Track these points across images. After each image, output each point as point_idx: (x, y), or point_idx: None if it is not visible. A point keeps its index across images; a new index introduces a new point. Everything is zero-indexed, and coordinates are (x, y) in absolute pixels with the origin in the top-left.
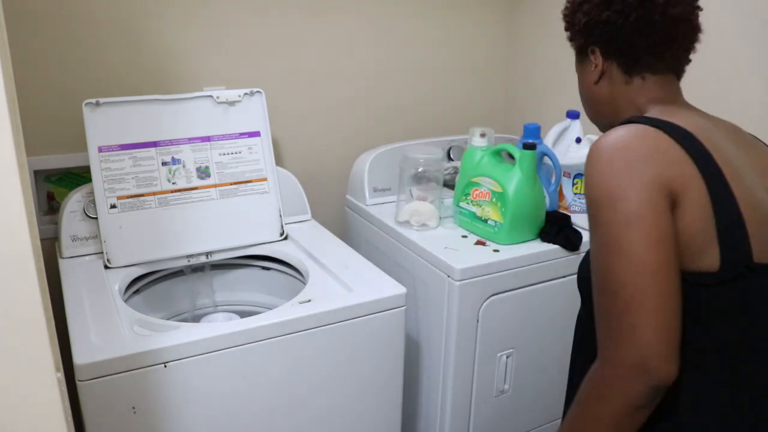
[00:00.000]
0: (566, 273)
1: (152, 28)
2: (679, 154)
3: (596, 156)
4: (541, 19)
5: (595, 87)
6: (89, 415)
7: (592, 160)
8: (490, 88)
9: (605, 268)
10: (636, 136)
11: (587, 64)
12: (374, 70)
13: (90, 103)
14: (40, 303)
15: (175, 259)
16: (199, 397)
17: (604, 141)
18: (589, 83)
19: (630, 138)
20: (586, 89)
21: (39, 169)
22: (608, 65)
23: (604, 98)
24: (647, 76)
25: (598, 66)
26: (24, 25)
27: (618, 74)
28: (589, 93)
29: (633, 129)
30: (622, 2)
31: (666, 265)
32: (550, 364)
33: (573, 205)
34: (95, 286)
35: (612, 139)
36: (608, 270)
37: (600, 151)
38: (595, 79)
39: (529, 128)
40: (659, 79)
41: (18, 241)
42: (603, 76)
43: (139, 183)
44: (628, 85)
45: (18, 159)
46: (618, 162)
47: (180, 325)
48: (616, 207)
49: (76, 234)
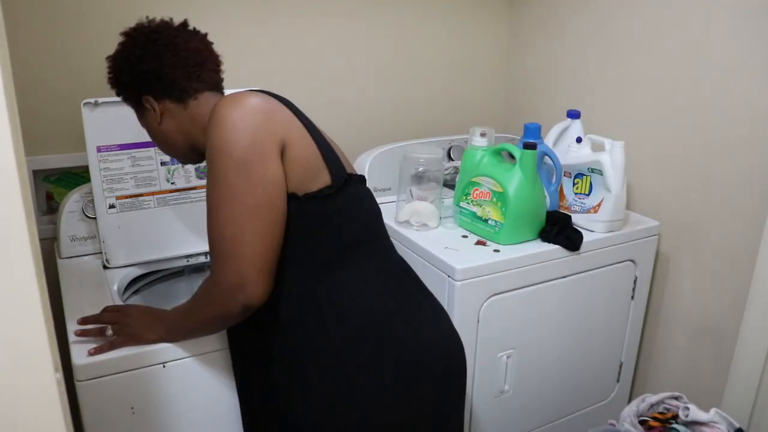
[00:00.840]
0: (567, 273)
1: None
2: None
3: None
4: (541, 19)
5: (161, 127)
6: (88, 415)
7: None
8: (491, 88)
9: (215, 210)
10: (243, 97)
11: (148, 113)
12: (374, 70)
13: (89, 103)
14: (38, 303)
15: (174, 259)
16: (198, 397)
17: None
18: (156, 127)
19: (239, 99)
20: (157, 133)
21: (38, 169)
22: (163, 105)
23: (175, 131)
24: (198, 96)
25: (156, 109)
26: (24, 24)
27: (174, 107)
28: (161, 135)
29: (237, 94)
30: (151, 52)
31: (263, 207)
32: (550, 364)
33: (573, 205)
34: (94, 286)
35: (225, 104)
36: (217, 211)
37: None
38: (158, 120)
39: (530, 128)
40: (207, 95)
41: (17, 241)
42: (164, 116)
43: (138, 183)
44: (186, 110)
45: (17, 159)
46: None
47: None
48: (231, 152)
49: (74, 234)
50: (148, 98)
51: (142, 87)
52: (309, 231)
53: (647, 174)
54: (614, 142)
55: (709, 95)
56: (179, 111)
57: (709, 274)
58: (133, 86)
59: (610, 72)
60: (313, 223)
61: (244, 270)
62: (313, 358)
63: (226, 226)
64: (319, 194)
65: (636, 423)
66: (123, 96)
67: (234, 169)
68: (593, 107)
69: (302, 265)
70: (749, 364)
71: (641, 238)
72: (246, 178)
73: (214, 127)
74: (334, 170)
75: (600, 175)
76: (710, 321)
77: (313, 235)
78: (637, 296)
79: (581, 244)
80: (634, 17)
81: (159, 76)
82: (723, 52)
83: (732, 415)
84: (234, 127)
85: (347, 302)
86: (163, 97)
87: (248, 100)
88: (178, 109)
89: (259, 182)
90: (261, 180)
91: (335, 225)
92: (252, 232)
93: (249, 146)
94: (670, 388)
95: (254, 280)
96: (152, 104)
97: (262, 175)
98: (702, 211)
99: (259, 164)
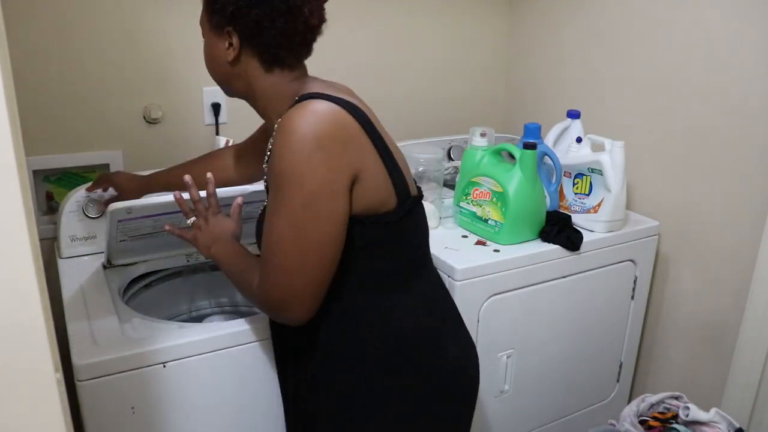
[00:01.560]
0: (567, 273)
1: (153, 28)
2: (357, 130)
3: (287, 134)
4: (542, 19)
5: (231, 66)
6: (88, 415)
7: (284, 138)
8: (491, 87)
9: (278, 231)
10: (322, 114)
11: (221, 42)
12: (374, 69)
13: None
14: (39, 303)
15: (174, 258)
16: (198, 397)
17: (294, 121)
18: (222, 60)
19: (317, 118)
20: (221, 66)
21: (38, 169)
22: (245, 53)
23: (238, 76)
24: (285, 69)
25: (235, 49)
26: (24, 24)
27: (255, 64)
28: (223, 70)
29: (316, 107)
30: (270, 6)
31: (326, 244)
32: (550, 364)
33: (573, 205)
34: (94, 286)
35: (301, 120)
36: (279, 238)
37: (290, 131)
38: (230, 59)
39: (530, 128)
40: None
41: (17, 241)
42: (239, 61)
43: None
44: (267, 73)
45: (17, 159)
46: (308, 141)
47: (179, 325)
48: (303, 184)
49: (75, 234)
50: (233, 35)
51: (237, 26)
52: (369, 253)
53: (647, 174)
54: (614, 142)
55: (710, 95)
56: (258, 70)
57: (709, 274)
58: (229, 18)
59: (610, 72)
60: (373, 245)
61: (292, 297)
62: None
63: (286, 255)
64: (382, 219)
65: (636, 423)
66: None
67: (303, 202)
68: (593, 107)
69: (359, 283)
70: (749, 364)
71: (641, 238)
72: (314, 213)
73: (286, 150)
74: (400, 195)
75: (600, 175)
76: (710, 321)
77: (372, 256)
78: (637, 296)
79: (581, 244)
80: (634, 17)
81: (261, 32)
82: (723, 52)
83: (732, 414)
84: (309, 161)
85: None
86: (250, 48)
87: (325, 126)
88: (257, 68)
89: (327, 219)
90: (328, 217)
91: (394, 248)
92: (310, 265)
93: (322, 183)
94: (670, 388)
95: (300, 306)
96: (234, 43)
97: (330, 211)
98: (702, 211)
99: (330, 200)
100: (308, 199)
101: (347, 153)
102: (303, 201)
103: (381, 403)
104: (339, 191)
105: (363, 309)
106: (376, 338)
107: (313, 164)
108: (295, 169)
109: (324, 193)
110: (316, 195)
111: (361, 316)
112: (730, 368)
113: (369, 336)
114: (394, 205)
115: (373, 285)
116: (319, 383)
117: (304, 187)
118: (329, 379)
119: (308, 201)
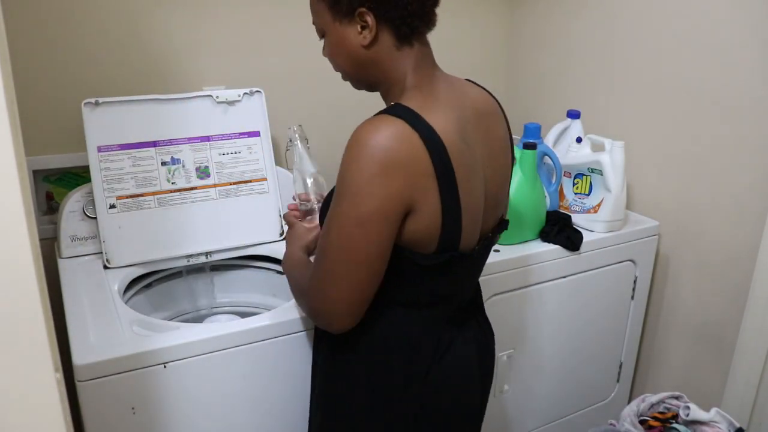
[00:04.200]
0: (567, 273)
1: (152, 28)
2: (428, 165)
3: (357, 147)
4: (541, 19)
5: (362, 51)
6: (88, 415)
7: (354, 150)
8: (490, 87)
9: (327, 247)
10: (399, 138)
11: (351, 25)
12: None
13: (89, 103)
14: (39, 303)
15: (174, 259)
16: (199, 397)
17: (369, 134)
18: (353, 45)
19: (392, 140)
20: (350, 50)
21: (38, 169)
22: (380, 32)
23: (372, 61)
24: (414, 44)
25: (372, 30)
26: (24, 24)
27: (390, 41)
28: (354, 54)
29: (397, 128)
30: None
31: (374, 264)
32: (550, 364)
33: (573, 205)
34: (94, 286)
35: (377, 136)
36: (328, 250)
37: (363, 144)
38: (365, 42)
39: (530, 128)
40: (423, 45)
41: (17, 241)
42: (375, 42)
43: (139, 183)
44: (398, 51)
45: (17, 159)
46: (375, 162)
47: (179, 325)
48: (358, 205)
49: (75, 234)
50: (367, 14)
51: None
52: (398, 279)
53: (647, 174)
54: (614, 142)
55: (709, 95)
56: (392, 49)
57: (709, 273)
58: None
59: (610, 72)
60: (401, 274)
61: (336, 310)
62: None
63: (333, 265)
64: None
65: (636, 423)
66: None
67: (357, 221)
68: (593, 107)
69: (387, 302)
70: (749, 364)
71: (641, 238)
72: (365, 232)
73: (354, 162)
74: (443, 243)
75: (600, 175)
76: (710, 320)
77: (399, 284)
78: (637, 296)
79: (581, 244)
80: (634, 17)
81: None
82: (723, 51)
83: (732, 414)
84: (370, 182)
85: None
86: (386, 23)
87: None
88: (392, 47)
89: (376, 240)
90: (378, 238)
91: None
92: (356, 280)
93: (378, 208)
94: (670, 387)
95: (342, 319)
96: (370, 22)
97: (380, 233)
98: (702, 211)
99: (382, 224)
100: (362, 218)
101: (408, 184)
102: (357, 219)
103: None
104: (392, 218)
105: (385, 325)
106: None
107: (374, 187)
108: (356, 186)
109: (377, 217)
110: (369, 216)
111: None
112: (730, 368)
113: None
114: (433, 249)
115: (400, 306)
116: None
117: (360, 207)
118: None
119: (362, 220)
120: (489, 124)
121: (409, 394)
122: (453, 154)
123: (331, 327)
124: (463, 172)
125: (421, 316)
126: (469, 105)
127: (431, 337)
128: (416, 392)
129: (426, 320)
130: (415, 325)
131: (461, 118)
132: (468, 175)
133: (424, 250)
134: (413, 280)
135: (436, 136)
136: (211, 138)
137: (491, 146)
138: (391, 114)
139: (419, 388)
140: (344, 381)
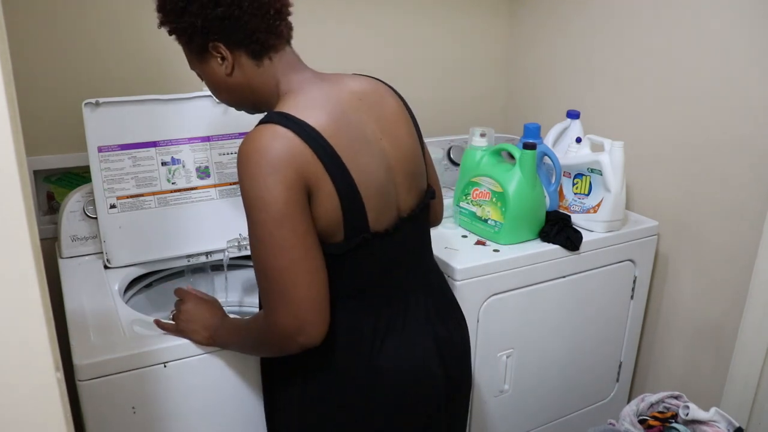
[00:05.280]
0: (566, 273)
1: (153, 28)
2: (309, 155)
3: (243, 161)
4: (541, 19)
5: (230, 79)
6: (89, 415)
7: (241, 164)
8: (491, 88)
9: (264, 261)
10: (273, 139)
11: (211, 59)
12: (374, 70)
13: (90, 103)
14: (39, 303)
15: (175, 259)
16: (199, 397)
17: (248, 146)
18: (221, 77)
19: (268, 142)
20: (220, 82)
21: (39, 169)
22: (236, 56)
23: (241, 85)
24: (273, 56)
25: (228, 59)
26: (24, 24)
27: (247, 61)
28: (224, 85)
29: (270, 132)
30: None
31: (312, 249)
32: (550, 363)
33: (573, 205)
34: (95, 286)
35: (254, 144)
36: (267, 262)
37: (245, 156)
38: (227, 71)
39: (529, 128)
40: (283, 55)
41: (17, 241)
42: (236, 68)
43: (139, 183)
44: (259, 68)
45: (17, 159)
46: (262, 166)
47: None
48: (267, 209)
49: (75, 234)
50: (218, 45)
51: (213, 34)
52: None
53: (647, 174)
54: (614, 142)
55: (709, 95)
56: (251, 67)
57: (709, 273)
58: (203, 31)
59: (610, 72)
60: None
61: (302, 314)
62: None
63: (279, 275)
64: (327, 250)
65: (636, 422)
66: (184, 38)
67: (274, 224)
68: (593, 107)
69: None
70: (749, 363)
71: (641, 238)
72: (290, 229)
73: (244, 177)
74: (350, 229)
75: (599, 175)
76: (710, 320)
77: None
78: (637, 296)
79: (581, 244)
80: (634, 17)
81: (236, 24)
82: (723, 51)
83: (732, 414)
84: (265, 184)
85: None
86: (237, 47)
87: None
88: (250, 66)
89: (301, 229)
90: (302, 227)
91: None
92: (307, 273)
93: (286, 201)
94: (669, 387)
95: (313, 322)
96: (224, 53)
97: (301, 222)
98: (702, 211)
99: (297, 214)
100: (277, 218)
101: (299, 173)
102: (274, 221)
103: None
104: (302, 204)
105: (353, 326)
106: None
107: (271, 187)
108: (256, 193)
109: (290, 210)
110: (282, 213)
111: (351, 333)
112: (729, 367)
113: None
114: (341, 238)
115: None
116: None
117: (270, 210)
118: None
119: (278, 220)
120: (374, 102)
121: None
122: (331, 138)
123: (306, 335)
124: (349, 152)
125: (357, 304)
126: (346, 91)
127: (368, 324)
128: (360, 382)
129: (362, 307)
130: (352, 313)
131: (338, 103)
132: (356, 153)
133: (334, 239)
134: (337, 271)
135: (307, 127)
136: (211, 138)
137: (383, 122)
138: (262, 123)
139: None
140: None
